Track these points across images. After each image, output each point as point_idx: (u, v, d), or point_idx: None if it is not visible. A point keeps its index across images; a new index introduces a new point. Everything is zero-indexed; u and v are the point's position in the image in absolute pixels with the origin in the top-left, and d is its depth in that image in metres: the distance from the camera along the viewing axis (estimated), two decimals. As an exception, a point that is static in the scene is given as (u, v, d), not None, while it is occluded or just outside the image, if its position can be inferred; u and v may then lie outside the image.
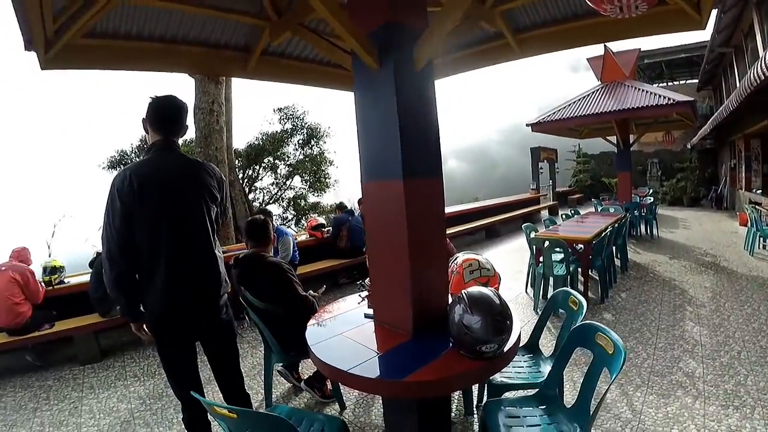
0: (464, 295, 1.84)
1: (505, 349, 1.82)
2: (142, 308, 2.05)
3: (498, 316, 1.77)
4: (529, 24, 3.50)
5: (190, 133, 8.43)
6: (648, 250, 8.01)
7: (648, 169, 18.13)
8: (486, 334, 1.73)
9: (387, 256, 2.20)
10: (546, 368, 2.48)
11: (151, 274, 1.97)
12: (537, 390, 2.26)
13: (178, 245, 1.98)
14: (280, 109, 13.22)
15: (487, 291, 1.88)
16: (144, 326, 2.06)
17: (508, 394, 2.48)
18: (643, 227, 9.63)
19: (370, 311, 2.42)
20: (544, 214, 14.38)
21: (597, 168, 20.88)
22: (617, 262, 6.40)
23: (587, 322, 2.08)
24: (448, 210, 3.84)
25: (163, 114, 2.08)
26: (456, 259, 2.82)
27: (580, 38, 3.40)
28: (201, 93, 8.15)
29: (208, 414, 2.19)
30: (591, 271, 5.62)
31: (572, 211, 8.22)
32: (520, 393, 2.41)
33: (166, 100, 2.08)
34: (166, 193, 1.98)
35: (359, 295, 2.70)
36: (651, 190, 13.46)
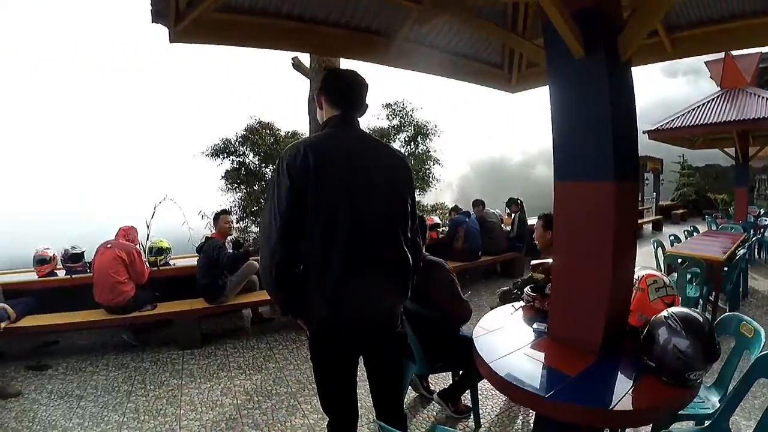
0: (673, 315, 1.68)
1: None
2: (304, 307, 1.71)
3: (708, 340, 1.62)
4: (685, 22, 3.10)
5: (304, 124, 8.03)
6: (765, 277, 7.22)
7: (756, 186, 16.38)
8: (699, 360, 1.58)
9: (581, 264, 1.95)
10: (710, 397, 2.29)
11: (320, 269, 1.61)
12: (708, 422, 2.00)
13: (357, 239, 1.62)
14: (388, 105, 12.81)
15: (693, 313, 1.71)
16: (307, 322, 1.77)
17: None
18: (756, 250, 8.63)
19: (537, 324, 2.17)
20: (647, 228, 13.36)
21: (701, 182, 19.31)
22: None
23: (770, 351, 1.82)
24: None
25: (344, 86, 1.81)
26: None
27: (750, 39, 2.99)
28: (317, 81, 7.47)
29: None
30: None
31: (691, 227, 7.56)
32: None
33: (347, 72, 1.85)
34: (348, 174, 1.64)
35: (512, 305, 2.46)
36: (762, 210, 12.21)
